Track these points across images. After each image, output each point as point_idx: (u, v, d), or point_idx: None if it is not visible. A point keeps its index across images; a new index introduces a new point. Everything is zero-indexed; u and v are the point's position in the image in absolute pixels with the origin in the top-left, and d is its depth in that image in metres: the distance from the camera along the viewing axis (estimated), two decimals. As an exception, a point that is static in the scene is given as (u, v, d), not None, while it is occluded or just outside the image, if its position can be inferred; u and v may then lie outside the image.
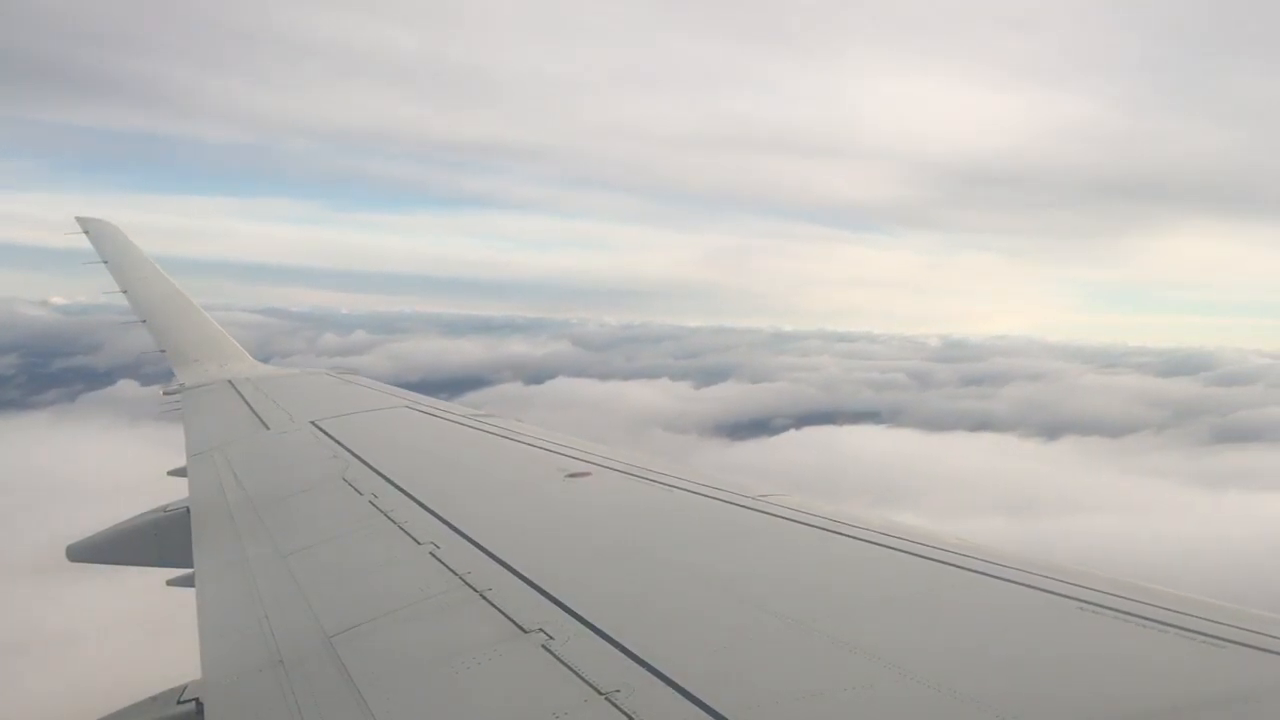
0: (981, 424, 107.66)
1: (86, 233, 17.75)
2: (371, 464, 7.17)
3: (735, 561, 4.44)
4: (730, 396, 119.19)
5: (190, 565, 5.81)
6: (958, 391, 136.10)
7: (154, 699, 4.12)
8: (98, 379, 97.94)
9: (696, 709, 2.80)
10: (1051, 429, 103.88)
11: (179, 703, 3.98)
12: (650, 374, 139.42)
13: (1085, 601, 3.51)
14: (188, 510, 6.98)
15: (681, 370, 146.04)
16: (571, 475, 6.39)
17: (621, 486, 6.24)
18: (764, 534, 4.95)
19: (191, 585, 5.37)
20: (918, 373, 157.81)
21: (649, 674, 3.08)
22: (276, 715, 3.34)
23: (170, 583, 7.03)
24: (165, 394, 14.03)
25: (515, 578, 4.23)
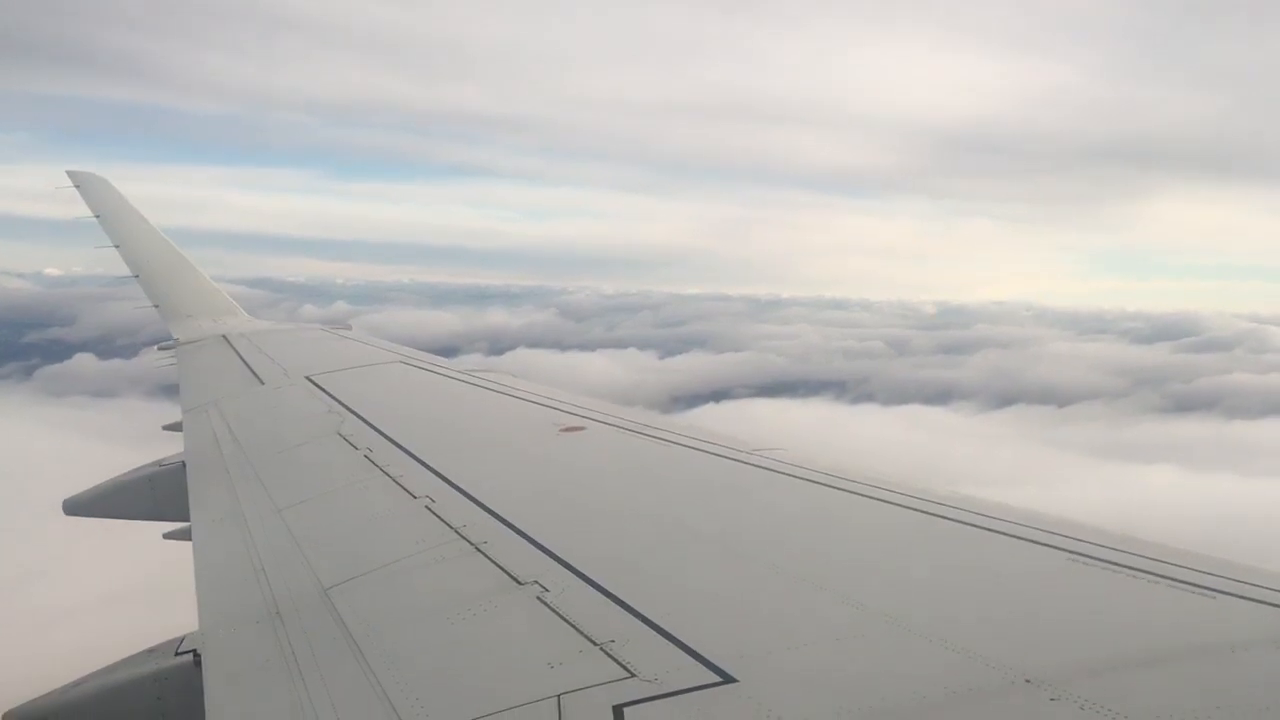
0: (939, 393, 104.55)
1: (77, 186, 17.56)
2: (367, 419, 7.17)
3: (728, 515, 4.46)
4: (692, 367, 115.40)
5: (186, 519, 5.83)
6: (927, 360, 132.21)
7: (151, 650, 4.15)
8: (60, 353, 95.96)
9: (690, 659, 2.82)
10: (1005, 398, 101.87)
11: (177, 654, 4.01)
12: (620, 344, 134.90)
13: (1075, 553, 3.54)
14: (183, 464, 6.99)
15: (654, 340, 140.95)
16: (566, 430, 6.40)
17: (615, 441, 6.25)
18: (757, 488, 4.97)
19: (188, 538, 5.39)
20: (896, 340, 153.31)
21: (643, 625, 3.11)
22: (273, 666, 3.37)
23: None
24: (160, 349, 14.00)
25: (510, 531, 4.25)
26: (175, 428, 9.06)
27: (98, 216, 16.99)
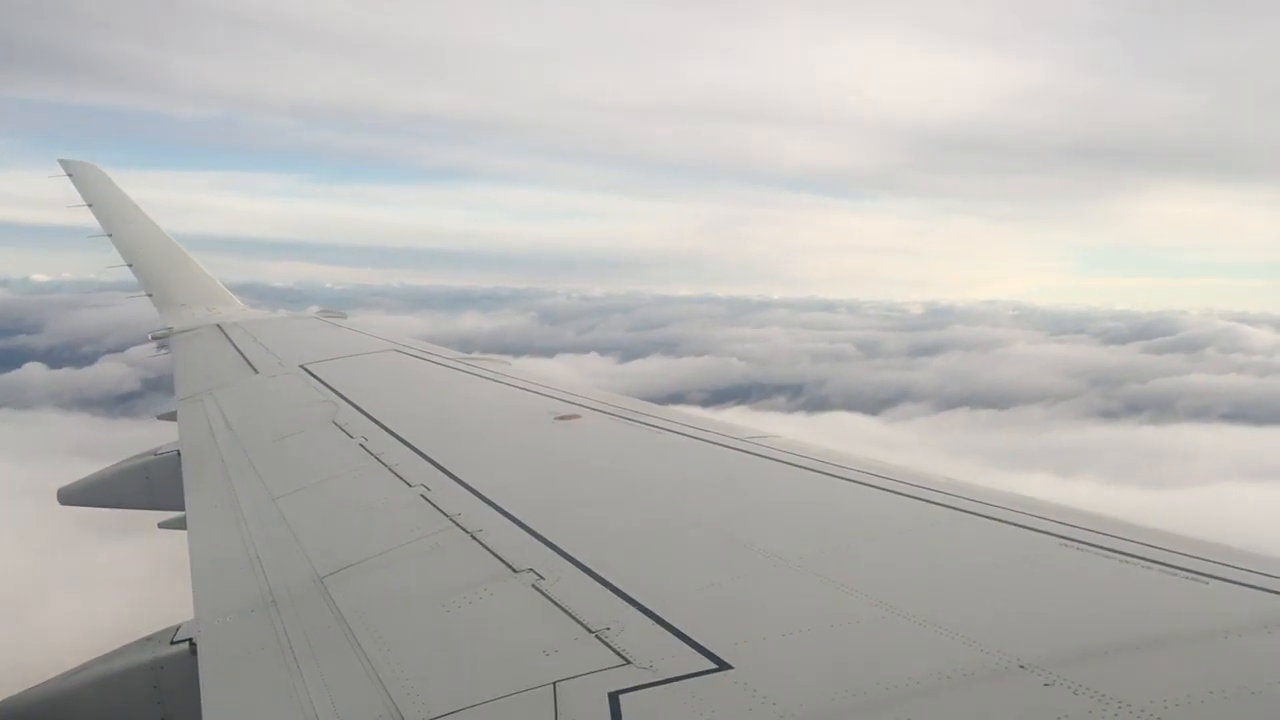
0: (893, 396, 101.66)
1: (69, 175, 17.48)
2: (362, 407, 7.17)
3: (723, 501, 4.47)
4: (649, 372, 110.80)
5: (182, 508, 5.83)
6: (891, 363, 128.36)
7: (148, 639, 4.15)
8: (14, 361, 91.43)
9: (686, 646, 2.83)
10: (954, 401, 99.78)
11: (172, 643, 4.01)
12: (583, 348, 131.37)
13: (1068, 538, 3.55)
14: (178, 454, 6.99)
15: (622, 343, 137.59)
16: (561, 418, 6.41)
17: (610, 429, 6.26)
18: (752, 474, 4.98)
19: (183, 528, 5.38)
20: (867, 343, 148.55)
21: (639, 612, 3.11)
22: (269, 655, 3.37)
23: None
24: (153, 338, 13.97)
25: (506, 519, 4.26)
26: (170, 417, 9.06)
27: (90, 205, 16.91)
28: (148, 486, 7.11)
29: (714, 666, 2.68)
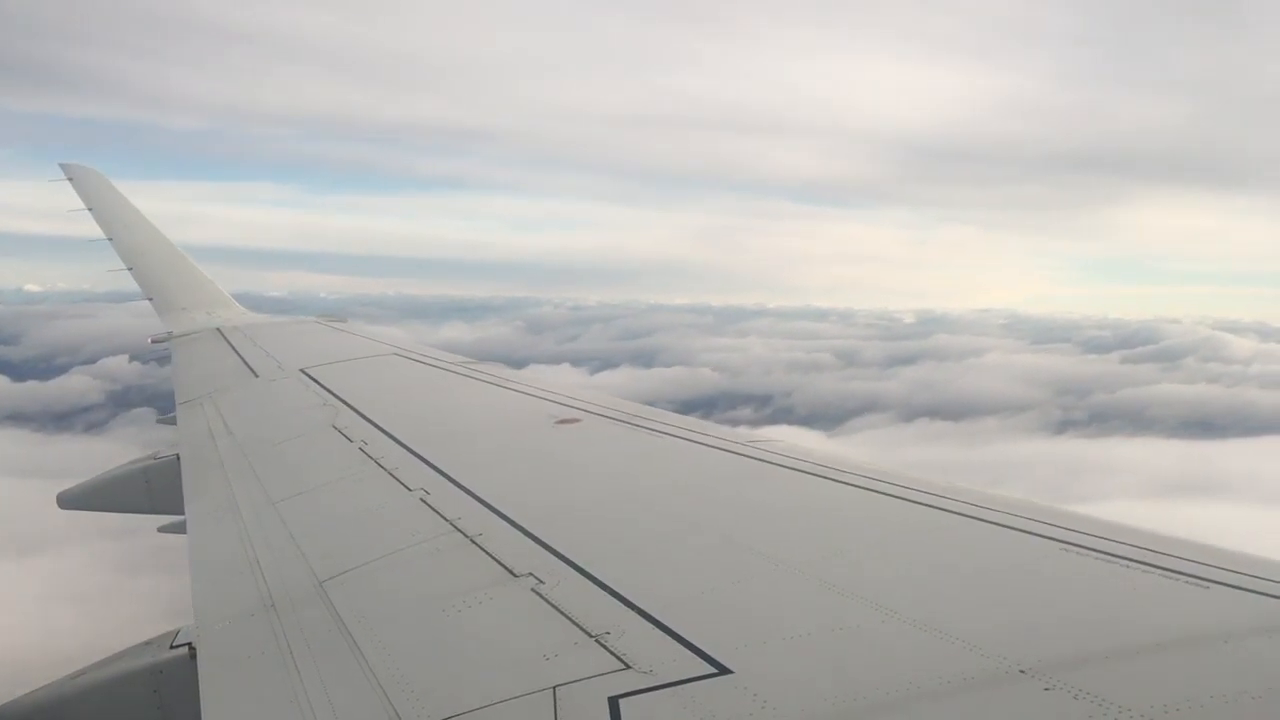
0: (860, 407, 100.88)
1: (70, 179, 17.49)
2: (362, 411, 7.17)
3: (724, 506, 4.47)
4: (618, 383, 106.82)
5: (181, 512, 5.83)
6: (864, 373, 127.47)
7: (148, 643, 4.16)
8: None
9: (686, 650, 2.83)
10: (917, 412, 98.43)
11: (172, 647, 4.01)
12: (557, 359, 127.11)
13: (1068, 543, 3.55)
14: (178, 458, 6.99)
15: (599, 354, 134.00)
16: (561, 421, 6.41)
17: (611, 433, 6.25)
18: (753, 479, 4.97)
19: (183, 532, 5.39)
20: (847, 352, 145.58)
21: (639, 617, 3.11)
22: (269, 659, 3.36)
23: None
24: (153, 342, 13.98)
25: (505, 523, 4.25)
26: (169, 421, 9.06)
27: (90, 209, 16.92)
28: (148, 490, 7.11)
29: (714, 671, 2.68)
